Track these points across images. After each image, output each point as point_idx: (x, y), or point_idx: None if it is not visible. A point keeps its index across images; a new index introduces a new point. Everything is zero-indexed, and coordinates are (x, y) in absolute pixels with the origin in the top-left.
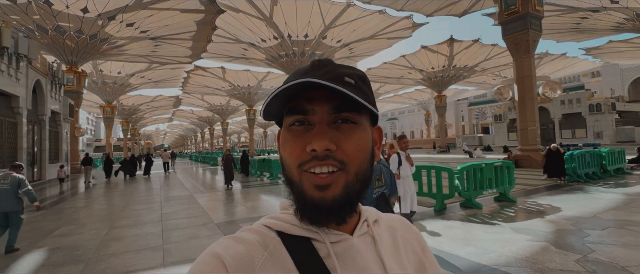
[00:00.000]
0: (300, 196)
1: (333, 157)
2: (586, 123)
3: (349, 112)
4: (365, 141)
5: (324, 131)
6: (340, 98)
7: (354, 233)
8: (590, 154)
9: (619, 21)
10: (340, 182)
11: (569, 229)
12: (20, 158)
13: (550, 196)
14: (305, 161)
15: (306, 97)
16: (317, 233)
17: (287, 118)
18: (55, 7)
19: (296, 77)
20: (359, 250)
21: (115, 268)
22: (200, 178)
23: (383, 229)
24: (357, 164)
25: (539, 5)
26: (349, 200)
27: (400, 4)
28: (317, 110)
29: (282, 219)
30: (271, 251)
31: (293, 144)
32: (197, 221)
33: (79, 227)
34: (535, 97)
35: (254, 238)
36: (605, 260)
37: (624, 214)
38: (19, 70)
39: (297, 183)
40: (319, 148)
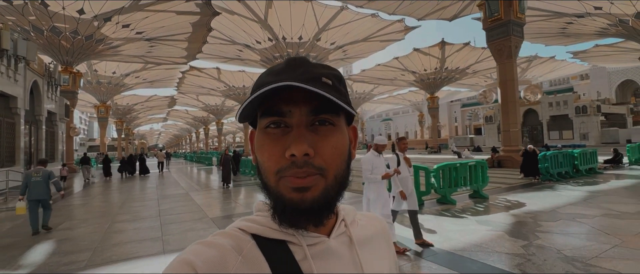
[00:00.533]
0: (278, 200)
1: (311, 164)
2: (573, 125)
3: (327, 114)
4: (342, 144)
5: (302, 134)
6: (318, 100)
7: (331, 235)
8: (563, 155)
9: (603, 26)
10: (320, 186)
11: (526, 221)
12: (18, 157)
13: (521, 193)
14: (284, 168)
15: (283, 98)
16: (293, 236)
17: (263, 119)
18: (51, 8)
19: (271, 76)
20: (336, 252)
21: (121, 255)
22: (195, 178)
23: (360, 228)
24: (335, 168)
25: (521, 13)
26: (328, 203)
27: (392, 7)
28: (294, 112)
29: (257, 221)
30: (245, 254)
31: (271, 148)
32: (193, 216)
33: (82, 222)
34: (517, 100)
35: (227, 242)
36: (546, 245)
37: (579, 208)
38: (17, 72)
39: (273, 188)
40: (298, 153)
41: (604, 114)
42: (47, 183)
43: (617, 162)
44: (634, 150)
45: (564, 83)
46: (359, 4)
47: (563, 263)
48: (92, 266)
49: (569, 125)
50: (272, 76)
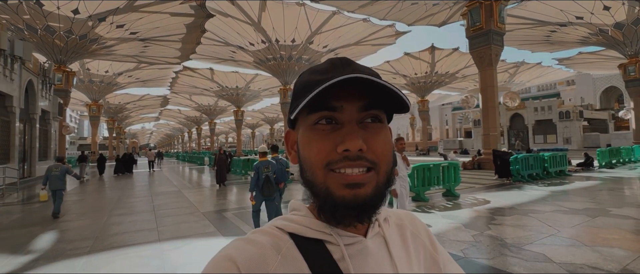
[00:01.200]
0: (328, 197)
1: (364, 158)
2: (557, 130)
3: (376, 110)
4: (390, 141)
5: (355, 130)
6: (369, 97)
7: (367, 235)
8: (534, 157)
9: (584, 35)
10: (373, 182)
11: (484, 215)
12: (12, 155)
13: (490, 192)
14: (334, 161)
15: (333, 95)
16: (330, 235)
17: (311, 115)
18: (46, 7)
19: (317, 75)
20: (372, 252)
21: (120, 242)
22: (187, 177)
23: (392, 227)
24: (386, 163)
25: (501, 23)
26: (378, 200)
27: (383, 13)
28: (346, 108)
29: (294, 221)
30: (284, 253)
31: (321, 143)
32: (185, 211)
33: (81, 215)
34: (497, 105)
35: (266, 240)
36: (494, 235)
37: (535, 205)
38: (13, 71)
39: (321, 184)
40: (353, 148)
41: (587, 119)
42: (64, 177)
43: (588, 165)
44: (604, 155)
45: (552, 89)
46: (350, 9)
47: (500, 247)
48: (95, 251)
49: (553, 130)
50: (318, 75)
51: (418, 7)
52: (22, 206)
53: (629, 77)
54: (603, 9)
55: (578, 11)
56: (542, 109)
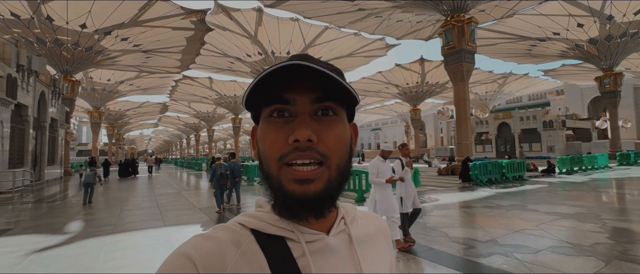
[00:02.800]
0: (279, 191)
1: (315, 149)
2: (541, 138)
3: (330, 102)
4: (345, 134)
5: (306, 121)
6: (322, 90)
7: (330, 232)
8: (492, 164)
9: (562, 49)
10: (324, 178)
11: (427, 210)
12: (26, 160)
13: (447, 193)
14: (286, 154)
15: (286, 87)
16: (292, 232)
17: (266, 108)
18: (56, 22)
19: (275, 67)
20: (335, 249)
21: (134, 226)
22: (185, 181)
23: (360, 227)
24: (338, 157)
25: (472, 42)
26: (330, 195)
27: (372, 28)
28: (298, 100)
29: (257, 217)
30: (244, 249)
31: (273, 136)
32: (185, 207)
33: (98, 210)
34: (469, 117)
35: (226, 236)
36: (422, 222)
37: (472, 202)
38: (29, 84)
39: (275, 177)
40: (302, 137)
41: (572, 128)
42: (95, 175)
43: (549, 171)
44: (564, 162)
45: (542, 98)
46: (341, 24)
47: (422, 230)
48: (116, 232)
49: (537, 138)
50: (275, 66)
51: (404, 24)
52: (46, 203)
53: (605, 89)
54: (577, 26)
55: (554, 28)
56: (528, 118)
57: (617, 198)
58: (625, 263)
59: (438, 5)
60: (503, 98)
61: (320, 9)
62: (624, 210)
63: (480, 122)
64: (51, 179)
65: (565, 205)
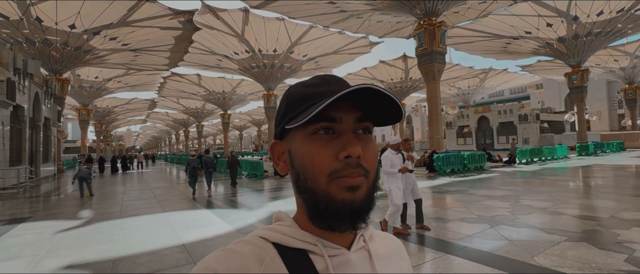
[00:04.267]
0: (330, 202)
1: (362, 166)
2: (517, 131)
3: (368, 122)
4: (377, 150)
5: (354, 139)
6: (364, 109)
7: (351, 248)
8: (454, 156)
9: (535, 47)
10: (365, 186)
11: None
12: (24, 158)
13: None
14: (338, 169)
15: (332, 107)
16: (315, 246)
17: (310, 126)
18: (45, 23)
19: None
20: (356, 265)
21: (138, 212)
22: (176, 175)
23: (378, 245)
24: (374, 171)
25: (442, 44)
26: (369, 203)
27: (354, 27)
28: (344, 119)
29: (278, 230)
30: (267, 263)
31: (322, 152)
32: (180, 197)
33: (102, 200)
34: (440, 113)
35: (249, 250)
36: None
37: (427, 189)
38: (25, 86)
39: (323, 192)
40: (354, 154)
41: (547, 121)
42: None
43: (511, 162)
44: (524, 153)
45: (523, 92)
46: (325, 24)
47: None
48: (123, 217)
49: (514, 131)
50: (312, 88)
51: (384, 24)
52: (51, 196)
53: (573, 85)
54: (546, 26)
55: (526, 27)
56: (505, 112)
57: (541, 183)
58: (509, 227)
59: (412, 9)
60: (485, 92)
61: (304, 10)
62: (539, 192)
63: (462, 115)
64: (46, 176)
65: (500, 189)
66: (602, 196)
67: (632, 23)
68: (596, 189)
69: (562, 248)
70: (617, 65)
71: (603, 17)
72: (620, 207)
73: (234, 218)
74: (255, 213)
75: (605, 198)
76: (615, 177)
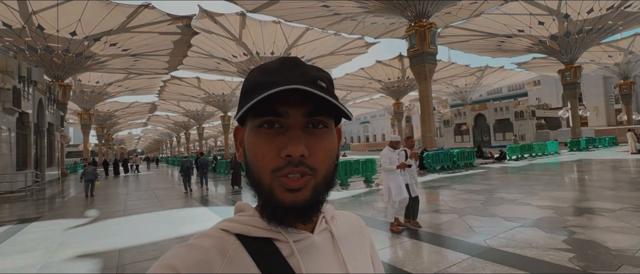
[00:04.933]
0: (270, 199)
1: (305, 164)
2: (513, 127)
3: (321, 116)
4: (333, 146)
5: (298, 136)
6: (314, 103)
7: (314, 231)
8: (444, 153)
9: (528, 45)
10: (310, 185)
11: (372, 190)
12: (29, 162)
13: None
14: (280, 168)
15: (279, 99)
16: (279, 233)
17: (256, 118)
18: (47, 31)
19: (265, 76)
20: (320, 247)
21: (141, 210)
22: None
23: (340, 225)
24: (325, 168)
25: (432, 45)
26: (317, 202)
27: (350, 29)
28: (291, 113)
29: (240, 221)
30: (231, 255)
31: (265, 148)
32: (179, 196)
33: (106, 201)
34: (432, 112)
35: (211, 243)
36: (364, 200)
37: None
38: (29, 93)
39: (266, 187)
40: (295, 153)
41: (543, 118)
42: (95, 172)
43: (501, 158)
44: (514, 150)
45: (520, 89)
46: (320, 27)
47: (360, 203)
48: (127, 215)
49: (510, 128)
50: (266, 75)
51: (378, 25)
52: (58, 198)
53: (566, 81)
54: (539, 24)
55: (519, 25)
56: (501, 109)
57: (521, 178)
58: (476, 216)
59: (403, 11)
60: (483, 90)
61: (299, 13)
62: (516, 185)
63: (459, 113)
64: (51, 180)
65: (480, 184)
66: (570, 188)
67: (622, 20)
68: (568, 182)
69: (514, 233)
70: (611, 61)
71: (593, 14)
72: (582, 197)
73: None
74: None
75: (572, 190)
76: (591, 171)
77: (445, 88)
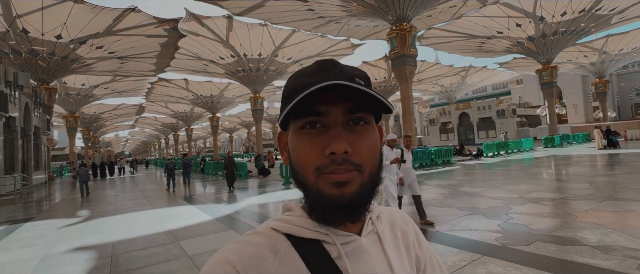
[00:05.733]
0: (318, 197)
1: (350, 161)
2: (495, 125)
3: (361, 113)
4: (376, 142)
5: (340, 133)
6: (353, 100)
7: (361, 233)
8: (422, 152)
9: (507, 46)
10: (357, 181)
11: None
12: (17, 166)
13: None
14: (324, 165)
15: (319, 99)
16: (326, 235)
17: (298, 120)
18: (31, 34)
19: (304, 78)
20: (367, 250)
21: (130, 209)
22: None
23: (385, 224)
24: (370, 165)
25: (412, 48)
26: (364, 199)
27: (334, 32)
28: (331, 112)
29: (289, 221)
30: (282, 255)
31: (308, 147)
32: (166, 196)
33: (96, 202)
34: (412, 112)
35: (263, 241)
36: None
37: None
38: (16, 97)
39: (313, 185)
40: (338, 150)
41: (524, 116)
42: (87, 173)
43: (478, 155)
44: (490, 147)
45: (504, 87)
46: (306, 29)
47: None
48: (118, 213)
49: (492, 126)
50: (305, 78)
51: (362, 28)
52: (47, 200)
53: (543, 81)
54: (516, 26)
55: (498, 27)
56: (484, 108)
57: (489, 173)
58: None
59: (384, 15)
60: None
61: (285, 16)
62: (481, 180)
63: (444, 112)
64: (38, 184)
65: (450, 180)
66: (527, 181)
67: (593, 22)
68: (528, 176)
69: (461, 219)
70: (587, 61)
71: (567, 17)
72: (533, 189)
73: (214, 210)
74: (233, 206)
75: (528, 183)
76: (553, 166)
77: (431, 87)
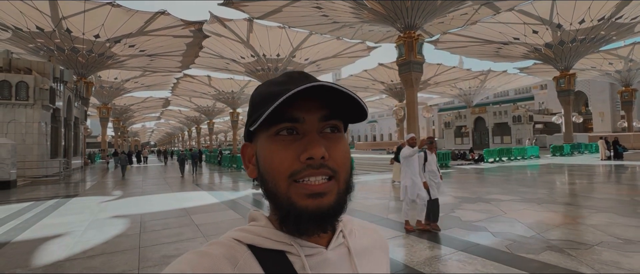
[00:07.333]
0: (291, 208)
1: (327, 166)
2: (511, 131)
3: (336, 120)
4: (348, 150)
5: (317, 139)
6: (329, 108)
7: (329, 245)
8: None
9: (524, 52)
10: (334, 190)
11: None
12: (59, 152)
13: (371, 175)
14: (298, 171)
15: (295, 106)
16: (291, 246)
17: (272, 127)
18: (74, 34)
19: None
20: (334, 263)
21: (154, 192)
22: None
23: (358, 239)
24: (345, 171)
25: (419, 55)
26: (341, 207)
27: (349, 35)
28: (307, 119)
29: (252, 231)
30: (241, 265)
31: (283, 153)
32: (185, 183)
33: (127, 185)
34: (417, 116)
35: (221, 252)
36: None
37: (380, 180)
38: (61, 91)
39: (283, 195)
40: (316, 155)
41: (542, 122)
42: (126, 159)
43: (479, 160)
44: (491, 153)
45: (528, 92)
46: (322, 32)
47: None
48: (144, 195)
49: (508, 131)
50: (276, 86)
51: (375, 32)
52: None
53: (560, 88)
54: (533, 32)
55: (514, 33)
56: (500, 113)
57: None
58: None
59: (393, 23)
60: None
61: (302, 21)
62: (471, 184)
63: (459, 116)
64: (75, 168)
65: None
66: (516, 189)
67: (615, 30)
68: (520, 183)
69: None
70: (612, 68)
71: (585, 25)
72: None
73: (221, 195)
74: (237, 193)
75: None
76: (549, 174)
77: (449, 90)
